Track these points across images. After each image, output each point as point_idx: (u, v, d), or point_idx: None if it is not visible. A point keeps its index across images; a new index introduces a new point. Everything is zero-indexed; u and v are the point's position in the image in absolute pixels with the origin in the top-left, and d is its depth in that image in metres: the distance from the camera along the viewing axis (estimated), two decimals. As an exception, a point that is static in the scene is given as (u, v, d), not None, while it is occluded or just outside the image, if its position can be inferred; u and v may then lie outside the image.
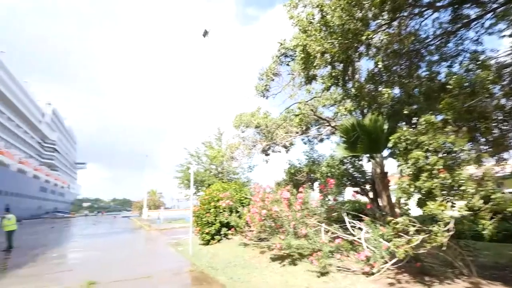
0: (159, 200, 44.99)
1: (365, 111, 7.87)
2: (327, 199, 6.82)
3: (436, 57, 7.06)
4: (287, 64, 10.70)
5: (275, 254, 7.40)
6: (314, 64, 7.43)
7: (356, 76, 8.09)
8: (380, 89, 7.07)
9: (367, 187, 8.43)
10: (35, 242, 14.40)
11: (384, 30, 6.89)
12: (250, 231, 8.45)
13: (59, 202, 78.74)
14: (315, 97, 10.67)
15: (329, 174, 8.33)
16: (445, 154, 4.88)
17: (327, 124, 11.31)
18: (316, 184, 10.72)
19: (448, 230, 4.53)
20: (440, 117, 5.50)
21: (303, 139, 12.37)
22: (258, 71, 11.07)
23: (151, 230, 19.17)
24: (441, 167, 4.51)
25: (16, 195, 49.90)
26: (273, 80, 11.00)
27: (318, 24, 6.80)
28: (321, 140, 12.52)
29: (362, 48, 7.27)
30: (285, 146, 12.83)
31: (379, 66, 6.83)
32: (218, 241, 10.04)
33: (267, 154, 13.14)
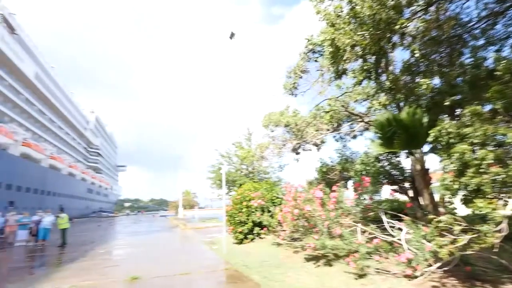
0: (193, 200, 46.71)
1: (401, 104, 7.44)
2: (362, 198, 6.54)
3: (481, 42, 6.44)
4: (315, 60, 10.48)
5: (309, 254, 7.28)
6: (344, 58, 7.19)
7: (390, 68, 7.67)
8: (417, 80, 6.64)
9: (406, 185, 7.96)
10: (85, 239, 15.69)
11: (420, 17, 6.44)
12: (283, 230, 8.40)
13: (103, 202, 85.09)
14: (346, 92, 10.32)
15: (363, 172, 8.01)
16: (496, 148, 4.43)
17: (360, 120, 10.88)
18: (350, 182, 10.37)
19: (499, 231, 4.11)
20: (487, 107, 5.02)
21: (334, 136, 12.04)
22: (286, 69, 10.98)
23: (186, 229, 19.94)
24: (492, 161, 4.11)
25: (67, 196, 54.89)
26: (301, 77, 10.84)
27: (347, 17, 6.56)
28: (354, 137, 12.09)
29: (395, 38, 6.87)
30: (316, 144, 12.59)
31: (416, 55, 6.41)
32: (251, 240, 10.14)
33: (297, 153, 12.99)
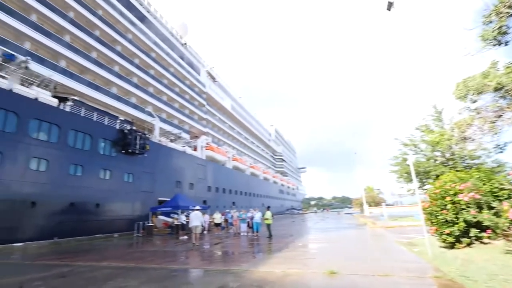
0: (378, 196, 43.60)
1: None
2: None
3: None
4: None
5: None
6: None
7: None
8: None
9: None
10: (284, 232, 18.35)
11: None
12: (523, 234, 5.95)
13: (293, 201, 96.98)
14: None
15: None
16: None
17: None
18: None
19: None
20: None
21: None
22: (481, 14, 8.08)
23: (375, 227, 18.74)
24: None
25: (265, 197, 67.25)
26: (511, 15, 7.60)
27: None
28: None
29: None
30: None
31: None
32: (468, 245, 7.91)
33: (526, 123, 8.99)
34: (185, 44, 46.35)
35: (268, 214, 15.60)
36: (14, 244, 15.08)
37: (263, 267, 7.60)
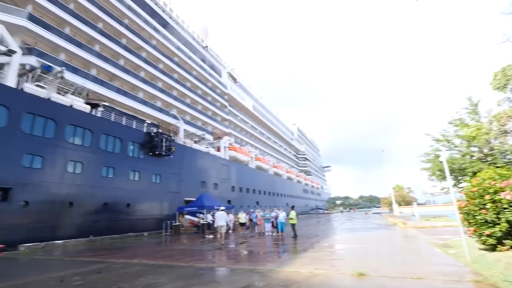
0: (408, 195, 41.65)
1: None
2: None
3: None
4: None
5: None
6: None
7: None
8: None
9: None
10: (310, 232, 18.08)
11: None
12: None
13: (317, 200, 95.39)
14: None
15: None
16: None
17: None
18: None
19: None
20: None
21: None
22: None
23: (406, 228, 17.91)
24: None
25: (289, 196, 66.74)
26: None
27: None
28: None
29: None
30: None
31: None
32: (511, 247, 7.32)
33: None
34: (206, 47, 47.23)
35: (293, 213, 15.45)
36: (55, 242, 16.21)
37: (289, 267, 7.54)
